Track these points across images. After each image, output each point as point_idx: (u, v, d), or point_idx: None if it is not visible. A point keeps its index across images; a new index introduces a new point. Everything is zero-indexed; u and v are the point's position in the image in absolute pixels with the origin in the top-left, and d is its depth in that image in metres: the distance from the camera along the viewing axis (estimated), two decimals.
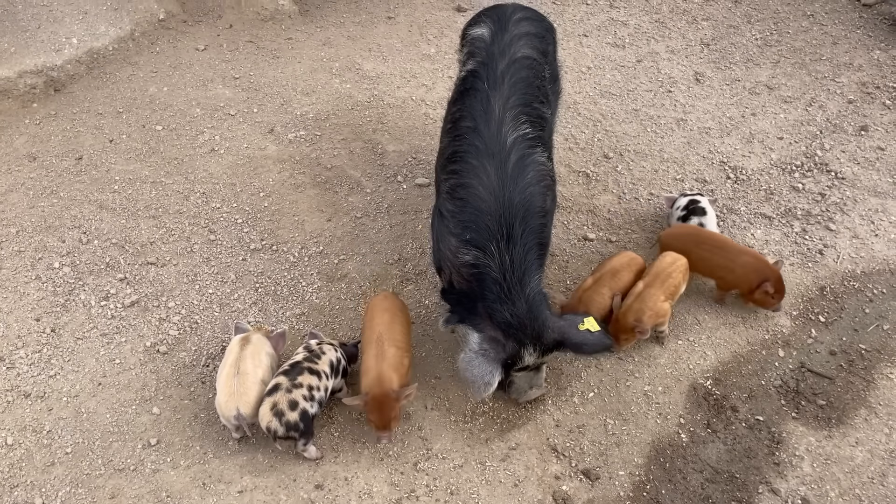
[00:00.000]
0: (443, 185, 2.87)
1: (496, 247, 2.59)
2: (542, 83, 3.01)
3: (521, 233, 2.61)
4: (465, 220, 2.66)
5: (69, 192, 3.68)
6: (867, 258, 3.49)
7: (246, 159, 3.91)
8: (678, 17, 5.01)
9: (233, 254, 3.51)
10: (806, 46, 4.72)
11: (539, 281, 2.69)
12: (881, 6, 4.97)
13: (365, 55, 4.63)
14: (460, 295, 2.75)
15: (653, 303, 3.00)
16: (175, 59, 4.34)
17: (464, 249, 2.64)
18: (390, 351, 2.74)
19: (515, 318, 2.59)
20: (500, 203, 2.61)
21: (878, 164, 3.92)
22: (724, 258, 3.18)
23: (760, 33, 4.84)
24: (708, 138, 4.13)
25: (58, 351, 3.10)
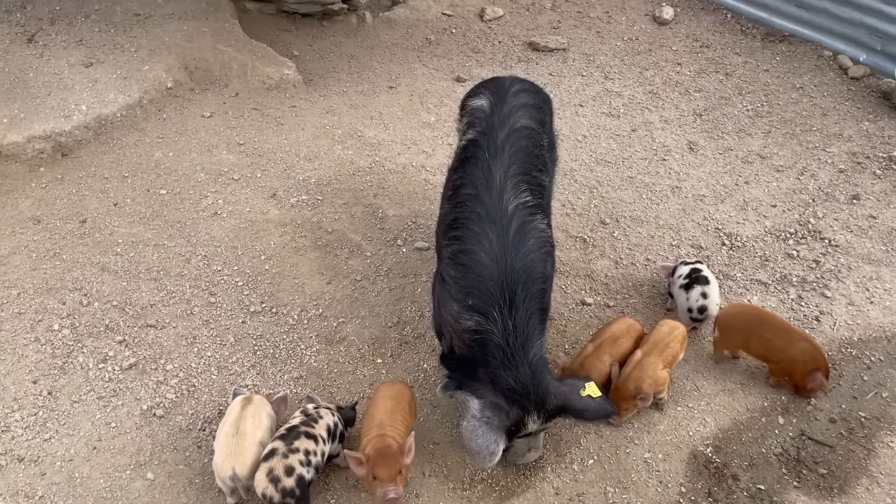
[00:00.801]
0: (444, 250, 2.91)
1: (499, 312, 2.61)
2: (540, 152, 3.10)
3: (523, 298, 2.64)
4: (467, 286, 2.69)
5: (72, 254, 3.71)
6: (863, 325, 3.51)
7: (248, 223, 3.96)
8: (671, 88, 5.17)
9: (232, 316, 3.52)
10: (796, 117, 4.85)
11: (541, 346, 2.70)
12: (868, 79, 5.13)
13: (367, 123, 4.75)
14: (460, 360, 2.75)
15: (652, 371, 3.01)
16: (181, 125, 4.45)
17: (466, 315, 2.66)
18: (388, 440, 2.68)
19: (519, 384, 2.59)
20: (502, 269, 2.65)
21: (870, 233, 3.99)
22: (784, 341, 3.13)
23: (751, 105, 4.98)
24: (703, 205, 4.21)
25: (54, 414, 3.08)
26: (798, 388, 3.17)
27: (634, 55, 5.53)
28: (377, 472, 2.55)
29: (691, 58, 5.47)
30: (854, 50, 5.30)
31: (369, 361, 3.38)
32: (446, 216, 3.00)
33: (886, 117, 4.79)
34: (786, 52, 5.46)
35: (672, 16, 5.89)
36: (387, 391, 2.88)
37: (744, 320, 3.22)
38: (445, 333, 2.83)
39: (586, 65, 5.43)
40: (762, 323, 3.18)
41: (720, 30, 5.77)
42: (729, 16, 5.89)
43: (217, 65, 4.75)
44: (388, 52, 5.49)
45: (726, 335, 3.27)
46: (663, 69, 5.36)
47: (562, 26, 5.87)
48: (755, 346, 3.19)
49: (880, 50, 5.17)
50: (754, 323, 3.19)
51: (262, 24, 5.37)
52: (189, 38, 4.76)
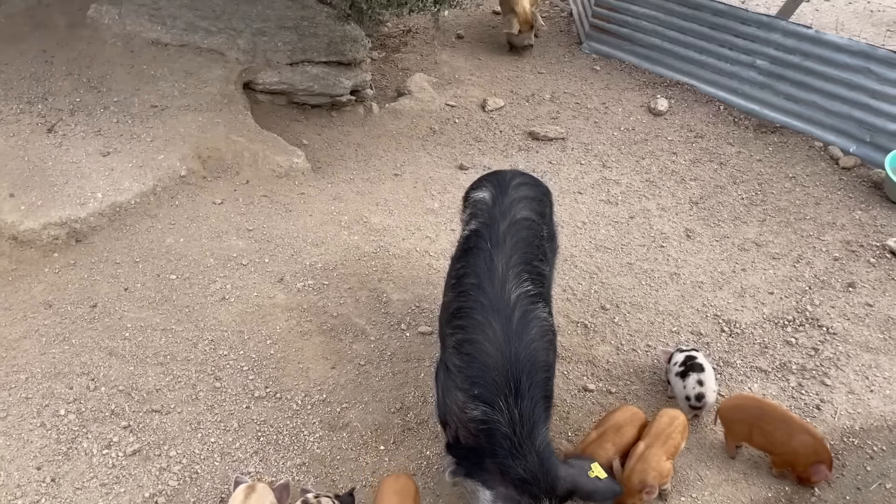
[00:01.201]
0: (448, 339, 2.97)
1: (504, 402, 2.65)
2: (540, 242, 3.20)
3: (528, 387, 2.68)
4: (472, 376, 2.74)
5: (81, 338, 3.77)
6: (864, 414, 3.53)
7: (255, 307, 4.04)
8: (667, 177, 5.33)
9: (237, 401, 3.55)
10: (790, 206, 4.98)
11: (546, 433, 2.72)
12: (859, 169, 5.30)
13: (372, 209, 4.89)
14: (466, 450, 2.77)
15: (655, 463, 3.02)
16: (193, 211, 4.59)
17: (472, 405, 2.70)
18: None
19: (528, 474, 2.60)
20: (506, 358, 2.70)
21: (867, 320, 4.05)
22: (785, 434, 3.16)
23: (746, 193, 5.13)
24: (701, 292, 4.28)
25: (56, 501, 3.07)
26: (801, 480, 3.16)
27: (631, 145, 5.72)
28: None
29: (686, 147, 5.66)
30: (844, 141, 5.49)
31: (372, 448, 3.38)
32: (450, 305, 3.07)
33: (878, 206, 4.93)
34: (778, 143, 5.66)
35: (666, 107, 6.12)
36: (392, 486, 2.88)
37: (745, 412, 3.25)
38: (450, 422, 2.86)
39: (584, 153, 5.62)
40: (763, 415, 3.21)
41: (713, 121, 5.99)
42: (721, 108, 6.13)
43: (229, 154, 4.93)
44: (394, 140, 5.69)
45: (728, 428, 3.29)
46: (659, 158, 5.54)
47: (560, 116, 6.10)
48: (757, 438, 3.20)
49: (869, 141, 5.36)
50: (755, 415, 3.21)
51: (274, 115, 5.59)
52: (203, 128, 4.95)
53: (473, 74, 6.68)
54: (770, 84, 5.94)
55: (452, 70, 6.70)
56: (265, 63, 5.55)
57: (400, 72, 6.67)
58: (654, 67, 6.68)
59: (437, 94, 6.23)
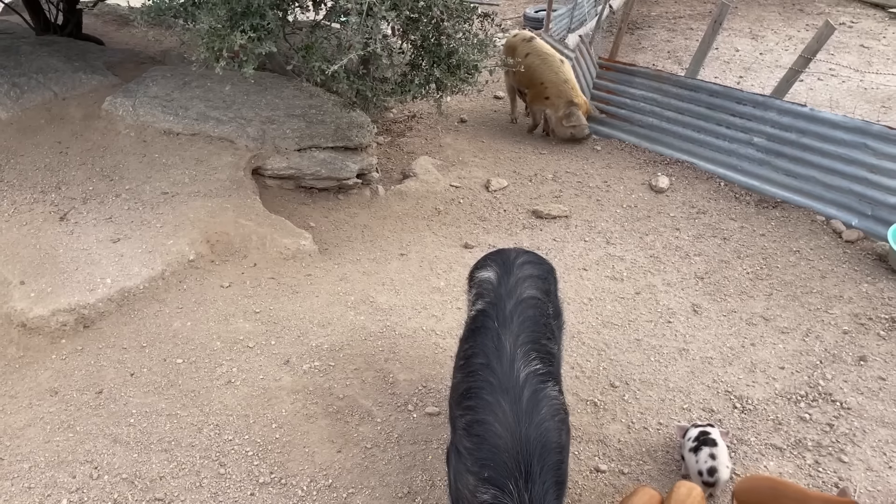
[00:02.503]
0: (458, 421, 2.93)
1: (514, 485, 2.58)
2: (547, 321, 3.20)
3: (539, 470, 2.62)
4: (482, 458, 2.68)
5: (85, 426, 3.74)
6: (885, 492, 3.43)
7: (261, 390, 4.01)
8: (671, 252, 5.36)
9: (241, 488, 3.48)
10: (796, 280, 4.99)
11: None
12: (862, 242, 5.33)
13: (378, 289, 4.91)
14: None
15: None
16: (200, 295, 4.62)
17: (482, 488, 2.63)
18: None
19: None
20: (516, 439, 2.65)
21: (881, 395, 3.98)
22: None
23: (751, 268, 5.14)
24: (711, 367, 4.24)
25: None
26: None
27: (634, 221, 5.79)
28: None
29: (689, 223, 5.72)
30: (845, 215, 5.55)
31: None
32: (459, 386, 3.04)
33: (885, 279, 4.93)
34: (780, 218, 5.71)
35: (668, 184, 6.22)
36: None
37: (760, 494, 3.16)
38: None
39: (588, 231, 5.68)
40: (777, 495, 3.12)
41: (714, 197, 6.08)
42: (722, 184, 6.22)
43: (238, 238, 5.01)
44: (400, 221, 5.78)
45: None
46: (662, 234, 5.59)
47: (563, 195, 6.19)
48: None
49: (871, 214, 5.41)
50: (771, 496, 3.13)
51: (282, 199, 5.71)
52: (212, 213, 5.05)
53: (477, 156, 6.84)
54: (768, 160, 6.05)
55: (456, 152, 6.87)
56: (274, 149, 5.71)
57: (405, 155, 6.83)
58: (654, 146, 6.83)
59: (442, 176, 6.36)
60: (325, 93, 6.30)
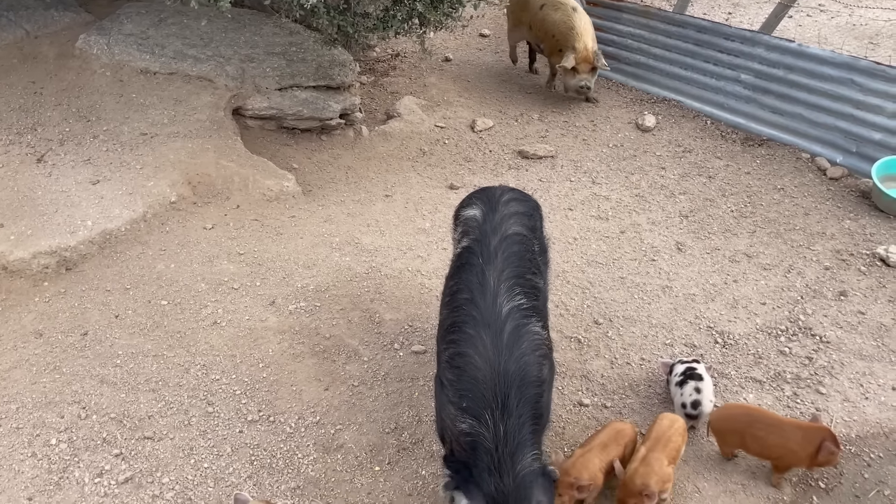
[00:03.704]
0: (442, 354, 2.98)
1: (491, 416, 2.64)
2: (532, 256, 3.21)
3: (516, 403, 2.67)
4: (462, 389, 2.74)
5: (72, 367, 3.74)
6: (860, 422, 3.52)
7: (247, 331, 4.02)
8: (656, 191, 5.36)
9: (230, 426, 3.52)
10: (779, 217, 5.01)
11: (532, 460, 2.67)
12: (846, 179, 5.34)
13: (364, 230, 4.89)
14: (459, 463, 2.75)
15: (658, 467, 2.99)
16: (183, 237, 4.58)
17: (461, 417, 2.70)
18: None
19: (500, 494, 2.58)
20: (495, 372, 2.70)
21: (860, 328, 4.05)
22: (779, 436, 3.14)
23: (735, 206, 5.16)
24: (693, 304, 4.29)
25: None
26: (814, 467, 3.14)
27: (620, 161, 5.76)
28: None
29: (674, 162, 5.70)
30: (830, 152, 5.54)
31: (367, 469, 3.35)
32: (444, 321, 3.08)
33: (867, 215, 4.96)
34: (765, 155, 5.70)
35: (654, 123, 6.18)
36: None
37: (735, 422, 3.24)
38: (446, 436, 2.86)
39: (574, 171, 5.65)
40: (753, 421, 3.19)
41: (701, 135, 6.05)
42: (708, 122, 6.19)
43: (219, 179, 4.94)
44: (384, 162, 5.72)
45: (721, 438, 3.27)
46: (648, 173, 5.57)
47: (549, 135, 6.14)
48: (752, 445, 3.19)
49: (856, 151, 5.41)
50: (746, 422, 3.20)
51: (264, 140, 5.62)
52: (193, 154, 4.97)
53: (462, 96, 6.74)
54: (755, 98, 6.00)
55: (441, 92, 6.76)
56: (254, 89, 5.59)
57: (389, 95, 6.72)
58: (641, 85, 6.76)
59: (427, 116, 6.27)
60: (305, 30, 6.14)
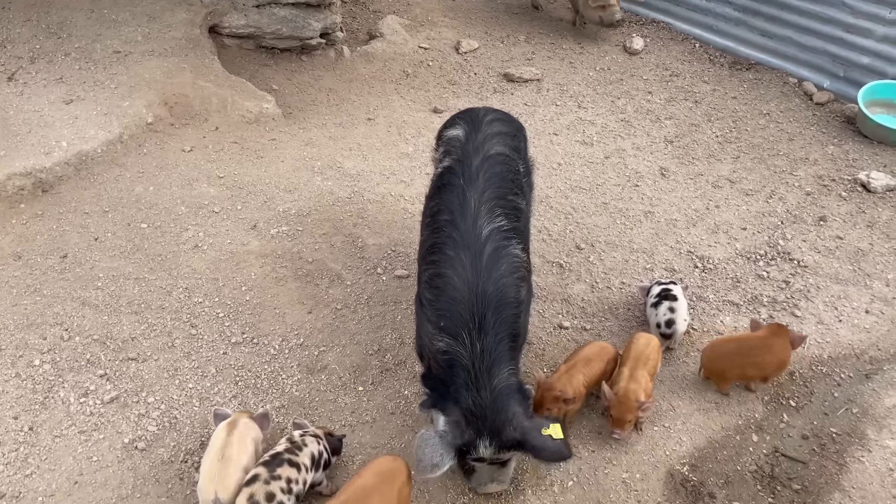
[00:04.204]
0: (423, 275, 3.00)
1: (468, 335, 2.68)
2: (515, 177, 3.18)
3: (493, 323, 2.70)
4: (440, 309, 2.77)
5: (52, 289, 3.73)
6: (833, 343, 3.60)
7: (229, 255, 4.00)
8: (642, 116, 5.30)
9: (214, 348, 3.55)
10: (764, 143, 4.99)
11: (509, 375, 2.73)
12: (832, 105, 5.31)
13: (346, 154, 4.83)
14: (436, 381, 2.81)
15: (645, 383, 3.10)
16: (162, 159, 4.50)
17: (438, 336, 2.74)
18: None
19: (477, 408, 2.64)
20: (473, 293, 2.72)
21: (837, 253, 4.10)
22: (769, 352, 3.25)
23: (720, 131, 5.12)
24: (675, 229, 4.31)
25: (35, 450, 3.07)
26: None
27: (606, 84, 5.67)
28: None
29: (661, 86, 5.63)
30: (818, 76, 5.49)
31: (351, 389, 3.41)
32: (425, 242, 3.08)
33: (851, 141, 4.95)
34: (753, 80, 5.64)
35: (642, 46, 6.06)
36: (377, 466, 2.70)
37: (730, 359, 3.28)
38: (424, 354, 2.91)
39: (560, 94, 5.56)
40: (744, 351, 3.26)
41: (689, 59, 5.95)
42: (697, 45, 6.08)
43: (197, 100, 4.82)
44: (367, 84, 5.59)
45: (722, 378, 3.32)
46: (634, 98, 5.50)
47: (535, 57, 6.02)
48: (751, 372, 3.29)
49: (843, 76, 5.36)
50: (739, 355, 3.26)
51: (242, 60, 5.46)
52: (169, 74, 4.83)
53: (447, 16, 6.56)
54: (745, 20, 5.88)
55: (425, 12, 6.57)
56: (231, 5, 5.40)
57: (371, 14, 6.52)
58: (630, 6, 6.59)
59: (410, 37, 6.11)
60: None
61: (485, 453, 2.69)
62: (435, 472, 2.62)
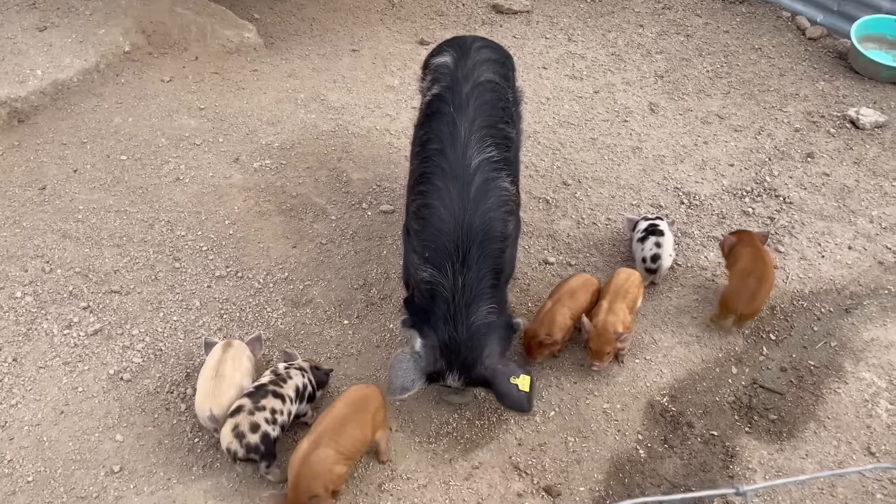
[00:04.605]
0: (410, 205, 2.98)
1: (451, 267, 2.68)
2: (505, 105, 3.13)
3: (476, 257, 2.69)
4: (425, 240, 2.76)
5: (32, 221, 3.67)
6: (815, 278, 3.64)
7: (211, 188, 3.95)
8: (633, 50, 5.21)
9: (197, 281, 3.53)
10: (755, 78, 4.93)
11: (488, 313, 2.74)
12: (825, 40, 5.22)
13: (330, 86, 4.72)
14: (417, 308, 2.83)
15: (623, 315, 3.13)
16: (140, 90, 4.39)
17: (423, 267, 2.74)
18: (323, 453, 2.53)
19: (452, 342, 2.68)
20: (459, 225, 2.70)
21: (823, 189, 4.10)
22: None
23: (711, 66, 5.04)
24: (662, 165, 4.28)
25: (19, 380, 3.08)
26: None
27: (597, 17, 5.54)
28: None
29: (653, 20, 5.50)
30: (811, 11, 5.38)
31: (336, 323, 3.42)
32: (414, 171, 3.05)
33: (842, 77, 4.90)
34: (745, 14, 5.52)
35: None
36: (350, 395, 2.72)
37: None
38: (410, 282, 2.94)
39: (550, 27, 5.44)
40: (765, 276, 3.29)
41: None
42: None
43: (175, 28, 4.67)
44: (351, 14, 5.43)
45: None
46: (626, 31, 5.39)
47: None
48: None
49: (837, 10, 5.26)
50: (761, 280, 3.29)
51: None
52: (146, 0, 4.66)
53: None
54: None
55: None
56: None
57: None
58: None
59: None
60: None
61: (453, 384, 2.76)
62: (404, 394, 2.70)
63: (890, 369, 3.22)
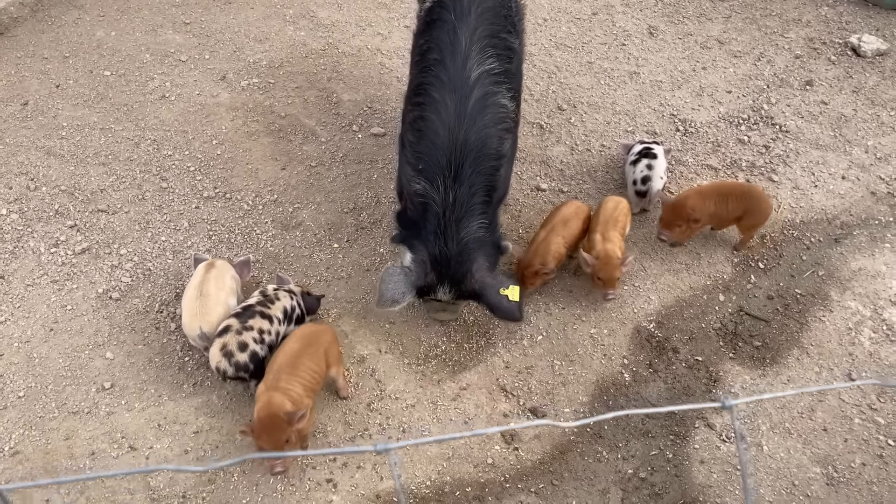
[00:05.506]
0: (407, 115, 2.93)
1: (443, 182, 2.66)
2: (508, 13, 3.03)
3: (469, 174, 2.66)
4: (420, 152, 2.73)
5: (15, 138, 3.60)
6: (806, 208, 3.63)
7: (198, 106, 3.86)
8: None
9: (185, 202, 3.49)
10: (757, 2, 4.79)
11: (478, 228, 2.73)
12: None
13: (319, 2, 4.57)
14: (409, 222, 2.82)
15: (619, 242, 3.14)
16: (123, 2, 4.23)
17: (416, 179, 2.72)
18: (276, 402, 2.47)
19: (443, 256, 2.69)
20: (454, 140, 2.66)
21: (820, 118, 4.05)
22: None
23: None
24: (659, 91, 4.20)
25: (7, 297, 3.08)
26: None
27: None
28: (260, 443, 2.40)
29: None
30: None
31: (326, 246, 3.41)
32: (412, 82, 2.98)
33: (846, 2, 4.76)
34: None
35: None
36: (301, 331, 2.72)
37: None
38: (403, 194, 2.91)
39: None
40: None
41: None
42: None
43: None
44: None
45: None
46: None
47: None
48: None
49: None
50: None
51: None
52: None
53: None
54: None
55: None
56: None
57: None
58: None
59: None
60: None
61: (443, 298, 2.79)
62: (395, 306, 2.72)
63: (875, 298, 3.25)
